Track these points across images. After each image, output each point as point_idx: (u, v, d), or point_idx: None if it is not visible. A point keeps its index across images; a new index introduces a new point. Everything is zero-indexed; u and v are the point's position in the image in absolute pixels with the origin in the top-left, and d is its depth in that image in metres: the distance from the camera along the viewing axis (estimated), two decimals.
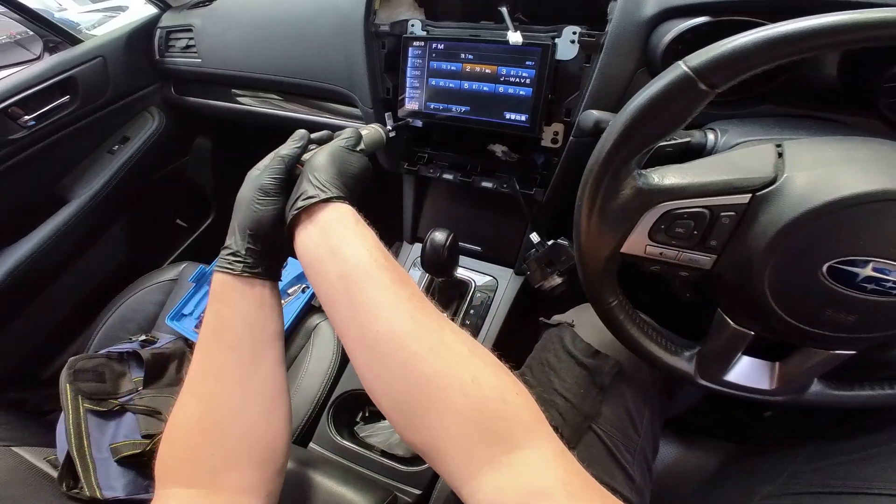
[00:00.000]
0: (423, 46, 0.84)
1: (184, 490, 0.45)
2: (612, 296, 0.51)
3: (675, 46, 0.64)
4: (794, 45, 0.35)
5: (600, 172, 0.44)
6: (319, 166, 0.53)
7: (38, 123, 1.14)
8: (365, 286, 0.43)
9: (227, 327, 0.50)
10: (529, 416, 0.39)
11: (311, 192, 0.49)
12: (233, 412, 0.48)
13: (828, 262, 0.41)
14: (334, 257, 0.46)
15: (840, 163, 0.42)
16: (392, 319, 0.41)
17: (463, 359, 0.40)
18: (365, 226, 0.49)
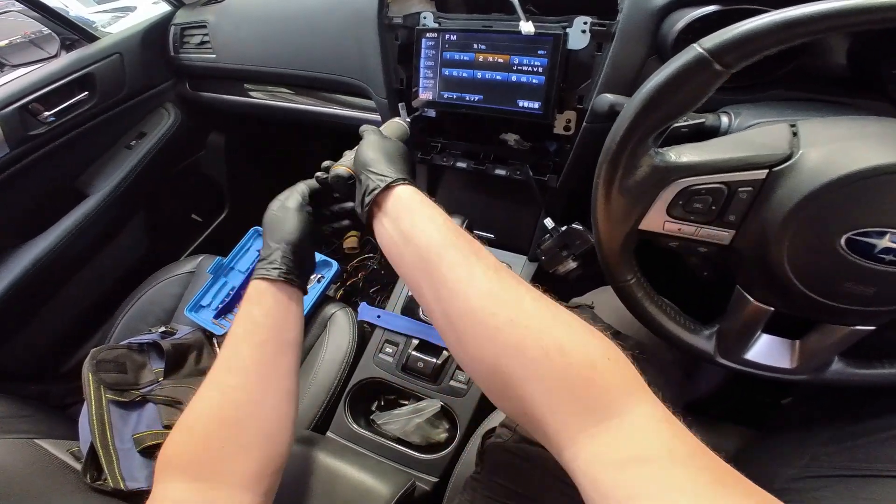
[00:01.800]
0: (435, 38, 0.85)
1: (184, 484, 0.47)
2: (631, 273, 0.52)
3: (685, 35, 0.65)
4: (806, 27, 0.36)
5: (618, 151, 0.44)
6: (369, 160, 0.56)
7: (57, 119, 1.16)
8: (441, 266, 0.45)
9: (256, 326, 0.55)
10: (624, 381, 0.37)
11: (373, 184, 0.53)
12: (251, 405, 0.52)
13: (845, 234, 0.42)
14: (409, 243, 0.48)
15: (854, 138, 0.43)
16: (468, 295, 0.43)
17: (546, 326, 0.39)
18: (431, 204, 0.51)
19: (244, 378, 0.53)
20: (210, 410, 0.51)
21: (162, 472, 0.48)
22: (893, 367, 0.52)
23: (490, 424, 0.80)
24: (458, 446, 0.88)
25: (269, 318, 0.56)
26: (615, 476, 0.33)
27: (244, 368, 0.54)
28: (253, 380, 0.54)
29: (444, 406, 0.91)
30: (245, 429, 0.51)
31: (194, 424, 0.51)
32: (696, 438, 0.34)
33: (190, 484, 0.47)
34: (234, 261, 1.19)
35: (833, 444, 0.58)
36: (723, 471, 0.32)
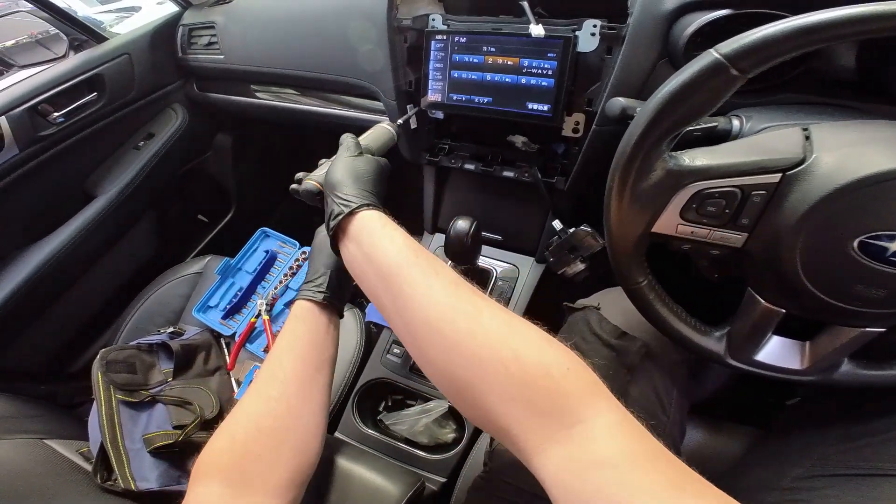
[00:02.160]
0: (445, 40, 0.85)
1: (220, 488, 0.50)
2: (642, 275, 0.53)
3: (697, 39, 0.65)
4: (824, 34, 0.37)
5: (632, 154, 0.45)
6: (335, 183, 0.59)
7: (66, 120, 1.17)
8: (400, 282, 0.47)
9: (299, 341, 0.60)
10: (582, 388, 0.38)
11: (336, 210, 0.55)
12: (290, 417, 0.56)
13: (858, 238, 0.42)
14: (371, 263, 0.50)
15: (866, 143, 0.44)
16: (427, 308, 0.44)
17: (502, 337, 0.40)
18: (393, 226, 0.53)
19: (285, 389, 0.57)
20: (251, 419, 0.55)
21: (200, 475, 0.51)
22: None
23: None
24: (465, 446, 0.88)
25: (310, 335, 0.61)
26: (577, 481, 0.34)
27: (286, 380, 0.58)
28: (293, 392, 0.57)
29: (451, 406, 0.91)
30: (283, 439, 0.55)
31: (235, 431, 0.54)
32: (657, 441, 0.36)
33: (226, 489, 0.50)
34: (242, 262, 1.20)
35: (841, 443, 0.58)
36: (682, 473, 0.33)
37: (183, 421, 0.91)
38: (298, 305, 0.64)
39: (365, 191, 0.58)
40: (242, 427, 0.55)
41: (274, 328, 1.06)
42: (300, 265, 1.14)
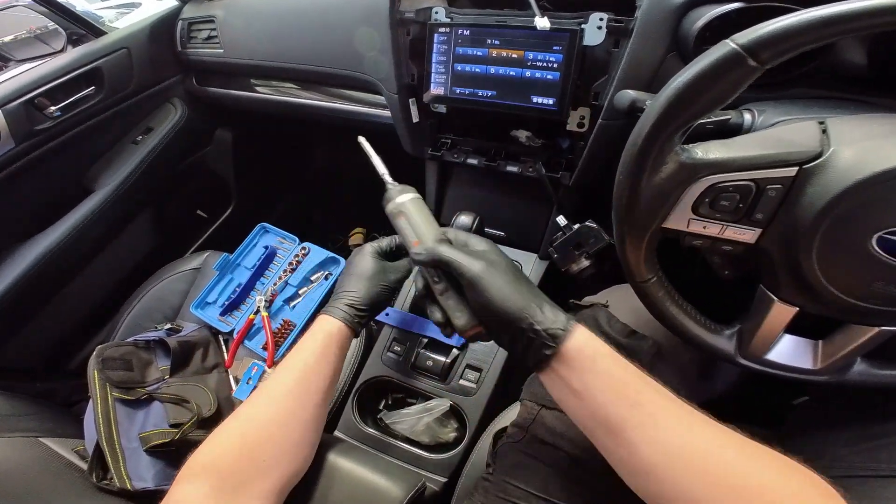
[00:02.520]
0: (448, 33, 0.84)
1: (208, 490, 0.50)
2: (652, 272, 0.51)
3: (706, 33, 0.64)
4: (846, 25, 0.36)
5: (644, 147, 0.44)
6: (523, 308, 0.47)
7: (64, 114, 1.16)
8: (622, 428, 0.43)
9: (326, 359, 0.63)
10: None
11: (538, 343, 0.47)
12: (297, 425, 0.58)
13: (877, 233, 0.41)
14: (583, 403, 0.46)
15: (886, 136, 0.42)
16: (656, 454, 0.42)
17: (745, 472, 0.40)
18: (604, 354, 0.47)
19: (301, 403, 0.59)
20: (262, 423, 0.56)
21: (193, 473, 0.52)
22: None
23: (500, 424, 0.79)
24: (467, 446, 0.87)
25: (336, 353, 0.64)
26: None
27: (303, 394, 0.60)
28: (309, 406, 0.60)
29: (453, 405, 0.90)
30: (284, 448, 0.56)
31: (245, 433, 0.56)
32: None
33: (216, 491, 0.50)
34: (241, 257, 1.18)
35: (854, 444, 0.57)
36: None
37: (180, 419, 0.89)
38: (332, 323, 0.66)
39: (547, 301, 0.49)
40: (254, 431, 0.56)
41: (273, 325, 1.04)
42: (300, 261, 1.13)
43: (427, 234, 0.56)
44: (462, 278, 0.49)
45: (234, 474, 0.52)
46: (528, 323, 0.46)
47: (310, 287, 1.11)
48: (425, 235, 0.56)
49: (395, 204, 0.59)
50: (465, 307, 0.52)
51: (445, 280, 0.53)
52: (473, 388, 0.90)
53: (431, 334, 0.94)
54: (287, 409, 0.58)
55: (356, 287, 0.69)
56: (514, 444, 0.64)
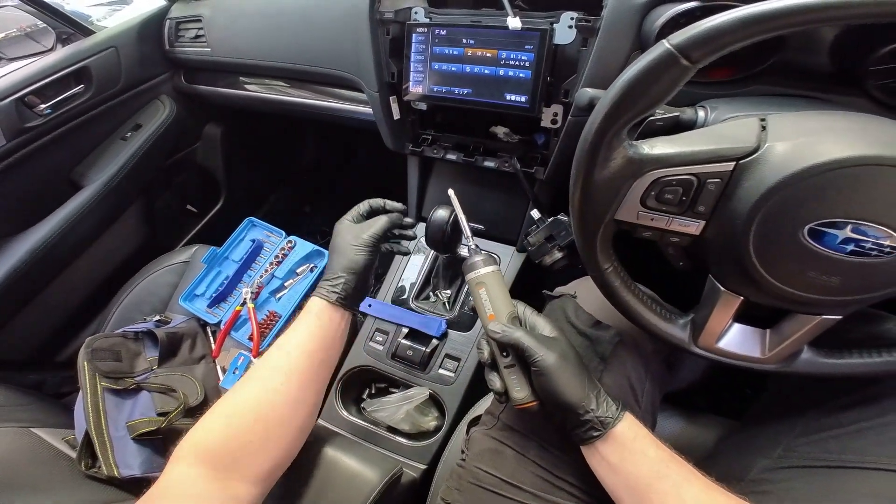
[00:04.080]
0: (426, 32, 0.86)
1: (203, 470, 0.51)
2: (608, 262, 0.54)
3: (669, 30, 0.65)
4: (769, 24, 0.37)
5: (593, 143, 0.46)
6: (578, 401, 0.52)
7: (53, 112, 1.18)
8: (650, 497, 0.48)
9: (310, 337, 0.63)
10: None
11: (585, 428, 0.52)
12: (286, 408, 0.58)
13: (808, 224, 0.43)
14: (618, 475, 0.51)
15: (819, 132, 0.44)
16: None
17: None
18: (643, 436, 0.52)
19: (288, 382, 0.59)
20: (249, 404, 0.57)
21: (185, 454, 0.53)
22: (862, 356, 0.53)
23: (476, 412, 0.81)
24: (445, 434, 0.90)
25: (321, 332, 0.64)
26: None
27: (290, 374, 0.60)
28: (296, 385, 0.60)
29: (432, 394, 0.93)
30: (276, 430, 0.57)
31: (232, 414, 0.56)
32: None
33: (209, 471, 0.51)
34: (228, 251, 1.21)
35: (806, 435, 0.59)
36: None
37: (167, 408, 0.92)
38: (314, 302, 0.66)
39: (602, 391, 0.54)
40: (239, 411, 0.56)
41: (259, 316, 1.07)
42: (286, 254, 1.16)
43: (503, 309, 0.58)
44: (534, 364, 0.53)
45: (223, 456, 0.53)
46: (585, 411, 0.51)
47: (295, 279, 1.13)
48: (501, 311, 0.58)
49: (479, 275, 0.60)
50: (525, 383, 0.55)
51: (514, 356, 0.56)
52: (452, 378, 0.93)
53: (412, 325, 0.97)
54: (272, 389, 0.58)
55: (333, 261, 0.69)
56: (486, 432, 0.66)
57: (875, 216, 0.42)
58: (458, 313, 0.99)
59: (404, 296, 1.03)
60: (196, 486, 0.51)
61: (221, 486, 0.51)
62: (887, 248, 0.42)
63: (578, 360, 0.55)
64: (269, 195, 1.82)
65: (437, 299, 1.02)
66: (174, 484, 0.51)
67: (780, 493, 0.55)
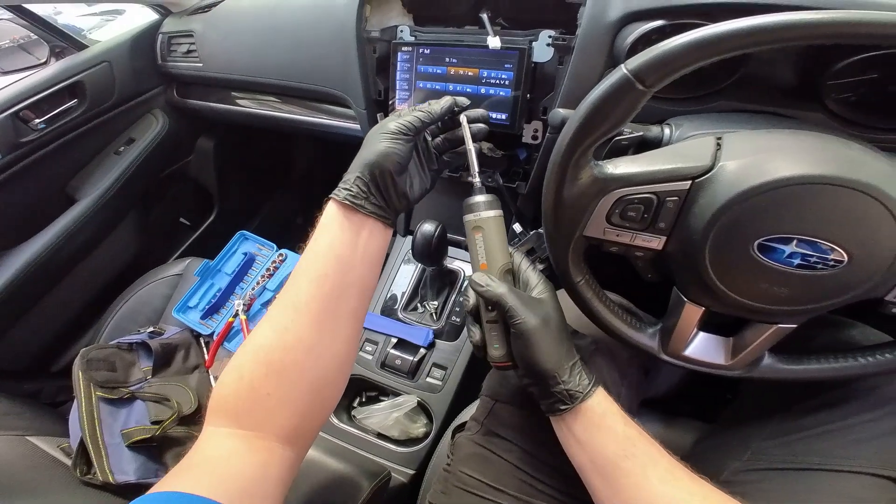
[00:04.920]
0: (410, 51, 0.89)
1: (230, 430, 0.47)
2: (579, 275, 0.57)
3: (641, 46, 0.67)
4: (720, 46, 0.39)
5: (561, 164, 0.49)
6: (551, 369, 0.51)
7: (47, 126, 1.20)
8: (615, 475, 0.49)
9: (318, 258, 0.51)
10: None
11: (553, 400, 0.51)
12: (302, 351, 0.49)
13: (757, 240, 0.46)
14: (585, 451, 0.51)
15: (769, 150, 0.47)
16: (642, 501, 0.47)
17: None
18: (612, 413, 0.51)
19: (298, 318, 0.50)
20: (259, 354, 0.49)
21: (212, 414, 0.49)
22: (819, 362, 0.55)
23: (462, 419, 0.83)
24: (433, 440, 0.92)
25: (332, 251, 0.52)
26: None
27: (298, 307, 0.50)
28: (306, 321, 0.50)
29: (420, 401, 0.95)
30: (295, 377, 0.49)
31: (243, 367, 0.49)
32: None
33: (235, 430, 0.47)
34: (221, 263, 1.23)
35: (773, 438, 0.61)
36: None
37: (161, 416, 0.94)
38: (325, 211, 0.54)
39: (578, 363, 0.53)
40: (249, 363, 0.49)
41: (251, 328, 1.09)
42: (277, 267, 1.18)
43: (497, 260, 0.55)
44: (513, 326, 0.51)
45: (252, 408, 0.48)
46: (556, 381, 0.51)
47: None
48: (495, 262, 0.55)
49: (479, 218, 0.56)
50: (505, 343, 0.54)
51: (498, 313, 0.54)
52: (439, 386, 0.95)
53: (400, 335, 1.00)
54: (282, 330, 0.50)
55: (353, 162, 0.55)
56: (471, 437, 0.67)
57: (819, 232, 0.45)
58: (445, 323, 1.01)
59: (396, 305, 1.06)
60: (225, 444, 0.46)
61: (250, 444, 0.46)
62: (832, 261, 0.46)
63: (561, 328, 0.53)
64: (262, 207, 1.84)
65: (424, 310, 1.05)
66: (204, 445, 0.47)
67: (750, 495, 0.55)
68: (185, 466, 0.45)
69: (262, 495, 0.45)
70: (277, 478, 0.47)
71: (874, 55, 0.55)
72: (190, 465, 0.45)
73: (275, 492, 0.47)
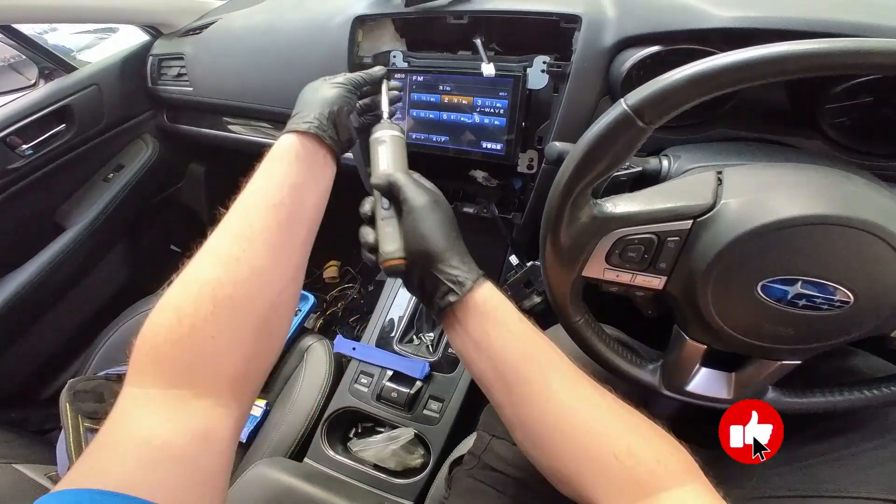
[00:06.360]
0: (403, 78, 0.88)
1: (160, 391, 0.38)
2: (579, 314, 0.55)
3: (637, 72, 0.67)
4: (722, 79, 0.38)
5: (559, 204, 0.47)
6: (438, 253, 0.49)
7: (35, 152, 1.17)
8: (517, 379, 0.46)
9: (271, 187, 0.49)
10: (683, 475, 0.41)
11: (444, 288, 0.48)
12: (255, 284, 0.44)
13: (761, 281, 0.45)
14: (482, 353, 0.48)
15: (771, 188, 0.47)
16: (545, 409, 0.44)
17: (619, 433, 0.43)
18: (506, 308, 0.49)
19: (251, 248, 0.45)
20: (205, 290, 0.42)
21: (136, 372, 0.40)
22: (825, 395, 0.55)
23: (461, 451, 0.82)
24: (431, 472, 0.91)
25: (287, 179, 0.50)
26: None
27: (252, 238, 0.46)
28: (261, 251, 0.45)
29: (417, 433, 0.94)
30: (243, 316, 0.43)
31: (182, 308, 0.41)
32: None
33: (168, 391, 0.39)
34: None
35: (776, 467, 0.60)
36: None
37: None
38: (277, 143, 0.53)
39: (467, 255, 0.51)
40: (192, 301, 0.42)
41: None
42: None
43: (395, 165, 0.58)
44: (405, 204, 0.51)
45: (181, 368, 0.39)
46: (442, 266, 0.48)
47: None
48: (393, 167, 0.57)
49: (382, 133, 0.59)
50: (399, 238, 0.52)
51: (392, 208, 0.54)
52: (436, 418, 0.94)
53: (396, 367, 0.98)
54: (234, 260, 0.44)
55: (297, 107, 0.58)
56: (467, 471, 0.67)
57: (824, 273, 0.44)
58: (441, 355, 1.01)
59: (393, 332, 1.04)
60: (155, 413, 0.37)
61: (187, 409, 0.38)
62: (837, 302, 0.45)
63: (452, 218, 0.53)
64: None
65: (420, 342, 1.04)
66: (126, 416, 0.38)
67: None
68: (102, 446, 0.36)
69: (202, 480, 0.37)
70: (220, 452, 0.39)
71: (868, 79, 0.55)
72: (106, 446, 0.36)
73: (220, 471, 0.39)
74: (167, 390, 0.39)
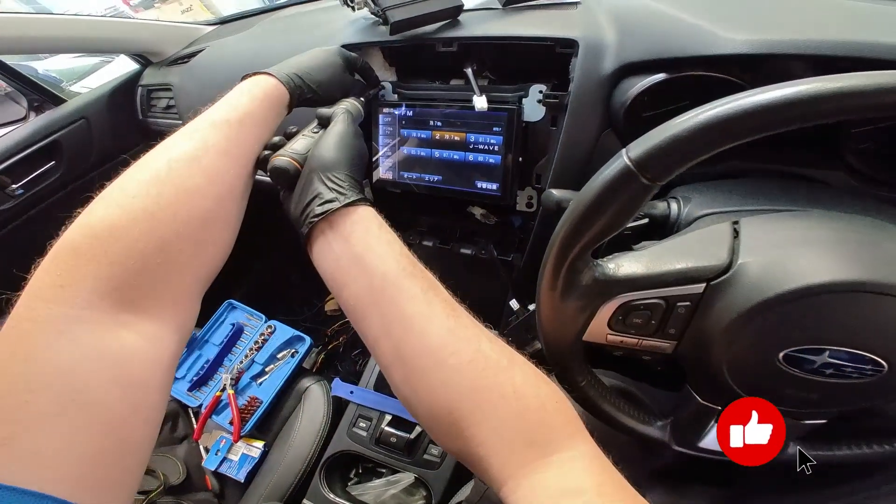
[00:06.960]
0: (392, 113, 0.83)
1: (88, 311, 0.34)
2: (581, 376, 0.51)
3: (642, 98, 0.63)
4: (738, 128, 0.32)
5: (555, 266, 0.43)
6: (331, 162, 0.47)
7: (25, 192, 1.14)
8: (398, 298, 0.41)
9: (231, 107, 0.50)
10: (566, 422, 0.39)
11: (328, 196, 0.45)
12: (207, 180, 0.43)
13: (783, 351, 0.41)
14: (361, 268, 0.43)
15: (793, 246, 0.42)
16: (427, 332, 0.40)
17: (503, 369, 0.39)
18: (388, 230, 0.46)
19: (206, 155, 0.44)
20: (151, 187, 0.40)
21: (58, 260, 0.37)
22: (850, 448, 0.51)
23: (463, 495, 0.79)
24: None
25: (252, 107, 0.51)
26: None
27: (206, 139, 0.45)
28: (213, 151, 0.45)
29: (417, 477, 0.90)
30: (191, 211, 0.41)
31: (119, 201, 0.40)
32: (621, 476, 0.36)
33: (119, 316, 0.35)
34: (208, 333, 1.19)
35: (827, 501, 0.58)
36: None
37: (147, 486, 0.93)
38: (251, 80, 0.55)
39: (360, 180, 0.49)
40: (132, 192, 0.40)
41: (240, 401, 1.04)
42: (266, 339, 1.14)
43: (344, 118, 0.57)
44: (332, 127, 0.52)
45: (133, 281, 0.37)
46: (334, 176, 0.46)
47: (276, 364, 1.11)
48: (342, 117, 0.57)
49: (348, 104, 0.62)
50: (306, 148, 0.52)
51: (321, 132, 0.54)
52: (437, 462, 0.90)
53: (395, 412, 0.95)
54: (192, 159, 0.44)
55: None
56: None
57: (854, 342, 0.40)
58: None
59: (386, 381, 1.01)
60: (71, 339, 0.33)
61: (145, 334, 0.36)
62: (869, 370, 0.41)
63: (363, 153, 0.52)
64: (250, 269, 1.76)
65: None
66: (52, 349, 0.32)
67: None
68: None
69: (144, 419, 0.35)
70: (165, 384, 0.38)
71: None
72: None
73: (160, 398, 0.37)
74: (122, 315, 0.36)
